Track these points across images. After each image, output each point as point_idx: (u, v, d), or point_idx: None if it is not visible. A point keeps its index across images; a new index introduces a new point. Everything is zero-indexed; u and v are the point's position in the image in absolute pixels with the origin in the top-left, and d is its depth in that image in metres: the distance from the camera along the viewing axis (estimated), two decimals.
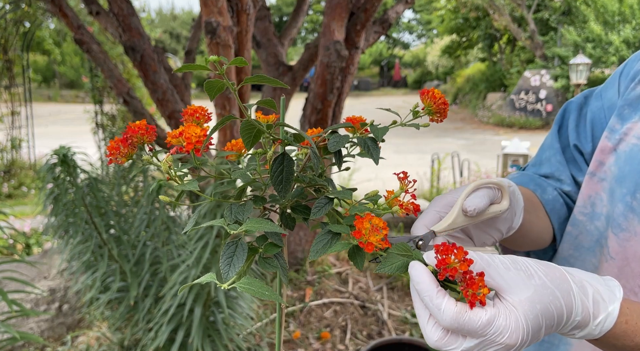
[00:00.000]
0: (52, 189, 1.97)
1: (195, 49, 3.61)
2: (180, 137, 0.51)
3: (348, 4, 2.64)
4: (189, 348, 1.93)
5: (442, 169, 6.07)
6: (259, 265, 0.51)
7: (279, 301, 0.49)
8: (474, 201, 0.60)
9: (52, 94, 22.30)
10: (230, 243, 0.49)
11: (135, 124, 0.54)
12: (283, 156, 0.54)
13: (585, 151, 0.80)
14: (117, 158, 0.53)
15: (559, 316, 0.48)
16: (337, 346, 2.64)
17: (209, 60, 0.48)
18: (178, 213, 2.18)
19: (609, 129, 0.74)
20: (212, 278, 0.46)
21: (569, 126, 0.82)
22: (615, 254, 0.68)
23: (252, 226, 0.48)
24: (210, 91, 0.51)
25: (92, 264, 2.13)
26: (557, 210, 0.80)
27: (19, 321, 2.74)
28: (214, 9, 2.16)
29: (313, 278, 3.29)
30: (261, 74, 0.51)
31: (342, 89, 2.79)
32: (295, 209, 0.57)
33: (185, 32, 28.45)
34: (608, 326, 0.51)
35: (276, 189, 0.53)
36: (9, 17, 6.39)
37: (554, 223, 0.80)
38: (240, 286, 0.45)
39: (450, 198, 0.63)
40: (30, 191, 6.52)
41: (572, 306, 0.49)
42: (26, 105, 7.73)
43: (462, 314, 0.45)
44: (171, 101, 2.64)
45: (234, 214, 0.51)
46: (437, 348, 0.48)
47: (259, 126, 0.53)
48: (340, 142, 0.54)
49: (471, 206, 0.60)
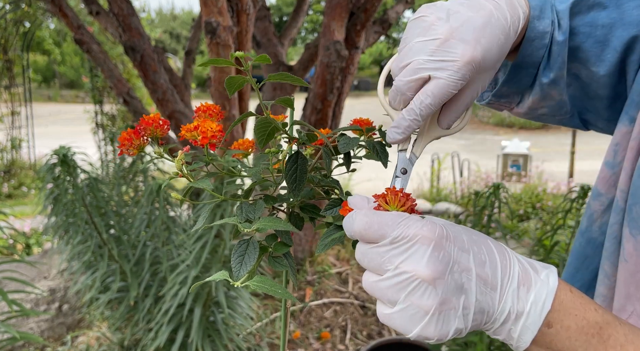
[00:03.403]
0: (52, 189, 1.97)
1: (195, 49, 3.61)
2: (196, 131, 0.51)
3: (348, 4, 2.64)
4: (189, 348, 1.93)
5: (442, 169, 6.07)
6: (269, 264, 0.51)
7: (292, 298, 0.49)
8: (451, 116, 0.54)
9: (52, 94, 22.30)
10: (242, 242, 0.49)
11: (149, 117, 0.54)
12: (297, 155, 0.54)
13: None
14: (128, 150, 0.53)
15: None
16: (337, 346, 2.64)
17: (234, 55, 0.48)
18: (178, 213, 2.18)
19: None
20: (224, 276, 0.46)
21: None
22: (629, 257, 0.59)
23: (265, 224, 0.48)
24: (231, 87, 0.52)
25: (92, 265, 2.13)
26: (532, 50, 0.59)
27: (19, 321, 2.74)
28: (214, 9, 2.16)
29: (313, 278, 3.29)
30: (284, 72, 0.52)
31: (342, 89, 2.79)
32: (304, 208, 0.57)
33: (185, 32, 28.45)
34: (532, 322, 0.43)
35: (289, 188, 0.53)
36: (9, 17, 6.39)
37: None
38: (253, 285, 0.45)
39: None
40: (30, 191, 6.52)
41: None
42: (26, 105, 7.72)
43: (371, 212, 0.45)
44: (171, 101, 2.64)
45: (245, 212, 0.51)
46: (359, 261, 0.46)
47: (275, 124, 0.54)
48: (351, 144, 0.55)
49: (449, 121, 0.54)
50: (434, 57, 0.48)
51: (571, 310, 0.44)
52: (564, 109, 0.65)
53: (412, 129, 0.51)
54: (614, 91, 0.60)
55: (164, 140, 2.79)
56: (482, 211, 2.14)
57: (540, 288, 0.44)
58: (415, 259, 0.42)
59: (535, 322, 0.43)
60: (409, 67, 0.50)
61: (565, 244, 2.15)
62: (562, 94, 0.62)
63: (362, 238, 0.45)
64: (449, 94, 0.49)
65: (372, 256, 0.44)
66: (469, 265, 0.43)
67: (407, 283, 0.42)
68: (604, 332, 0.44)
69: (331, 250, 3.72)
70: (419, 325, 0.42)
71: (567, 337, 0.44)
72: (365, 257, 0.45)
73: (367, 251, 0.44)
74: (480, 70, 0.50)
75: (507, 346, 1.99)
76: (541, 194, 5.29)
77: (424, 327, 0.42)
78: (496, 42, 0.50)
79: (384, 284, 0.43)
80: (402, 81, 0.50)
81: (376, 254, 0.43)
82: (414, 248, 0.42)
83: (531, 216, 4.79)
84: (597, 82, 0.60)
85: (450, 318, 0.42)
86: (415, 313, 0.42)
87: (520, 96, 0.65)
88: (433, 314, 0.42)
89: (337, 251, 3.74)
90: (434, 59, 0.48)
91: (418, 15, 0.53)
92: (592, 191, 0.67)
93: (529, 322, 0.43)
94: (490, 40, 0.50)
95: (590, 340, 0.43)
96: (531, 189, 5.42)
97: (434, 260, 0.41)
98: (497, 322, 0.44)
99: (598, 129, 0.69)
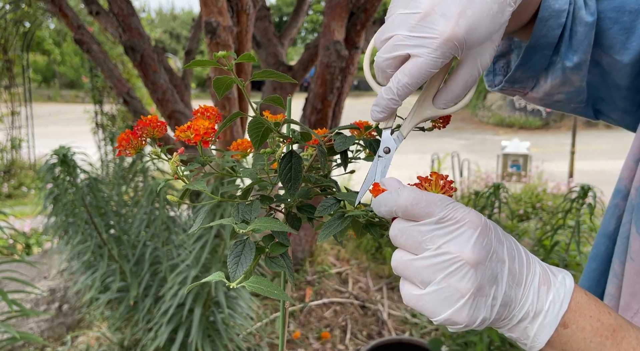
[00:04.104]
0: (52, 189, 1.97)
1: (195, 49, 3.61)
2: (189, 131, 0.51)
3: (348, 4, 2.64)
4: (188, 348, 1.93)
5: (442, 169, 6.07)
6: (265, 265, 0.51)
7: (287, 299, 0.49)
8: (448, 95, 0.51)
9: (52, 94, 22.29)
10: (238, 242, 0.49)
11: (147, 118, 0.54)
12: (291, 154, 0.54)
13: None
14: (126, 150, 0.53)
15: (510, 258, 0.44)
16: (337, 346, 2.64)
17: (217, 55, 0.48)
18: (178, 213, 2.18)
19: None
20: (220, 277, 0.46)
21: None
22: (635, 256, 0.58)
23: (261, 224, 0.48)
24: (219, 89, 0.51)
25: (92, 264, 2.13)
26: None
27: (19, 321, 2.74)
28: (214, 9, 2.16)
29: (313, 278, 3.29)
30: (268, 69, 0.51)
31: (342, 89, 2.79)
32: (302, 208, 0.57)
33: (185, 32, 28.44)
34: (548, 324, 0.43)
35: (285, 188, 0.53)
36: (9, 17, 6.39)
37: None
38: (249, 285, 0.45)
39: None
40: (30, 191, 6.52)
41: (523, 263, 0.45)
42: (26, 105, 7.72)
43: (418, 190, 0.44)
44: (171, 101, 2.63)
45: (242, 213, 0.51)
46: (393, 239, 0.45)
47: (267, 124, 0.53)
48: (347, 143, 0.54)
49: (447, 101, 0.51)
50: (413, 33, 0.45)
51: (587, 311, 0.44)
52: (581, 96, 0.61)
53: (391, 108, 0.49)
54: (636, 81, 0.57)
55: (163, 140, 2.80)
56: (482, 211, 2.14)
57: (559, 288, 0.44)
58: (461, 242, 0.41)
59: (552, 321, 0.43)
60: (389, 43, 0.47)
61: (565, 244, 2.15)
62: (582, 81, 0.58)
63: (405, 213, 0.43)
64: (429, 73, 0.46)
65: (412, 233, 0.43)
66: (503, 257, 0.43)
67: (448, 264, 0.41)
68: (617, 335, 0.44)
69: (331, 250, 3.72)
70: (451, 308, 0.42)
71: (582, 338, 0.44)
72: (403, 234, 0.44)
73: (406, 228, 0.43)
74: (470, 45, 0.45)
75: (507, 346, 1.98)
76: (541, 194, 5.28)
77: (457, 311, 0.42)
78: (487, 12, 0.45)
79: (420, 263, 0.42)
80: (382, 58, 0.48)
81: (417, 232, 0.43)
82: (460, 230, 0.42)
83: (531, 216, 4.79)
84: (618, 71, 0.57)
85: (481, 305, 0.42)
86: (451, 295, 0.42)
87: (535, 80, 0.61)
88: (469, 298, 0.41)
89: (337, 251, 3.74)
90: (413, 35, 0.45)
91: None
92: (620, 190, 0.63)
93: (547, 321, 0.43)
94: (480, 11, 0.45)
95: (605, 342, 0.44)
96: (531, 189, 5.42)
97: (479, 245, 0.41)
98: (514, 319, 0.44)
99: (610, 120, 0.66)
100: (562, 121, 14.24)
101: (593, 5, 0.54)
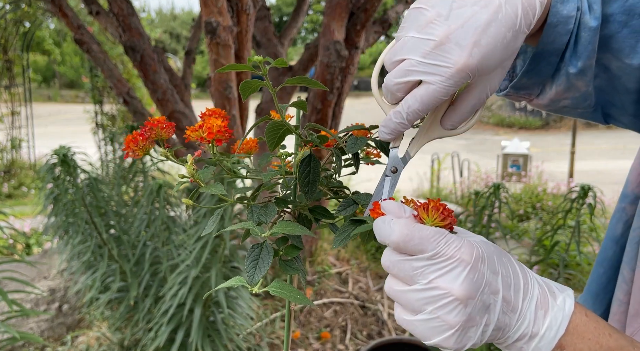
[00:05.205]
0: (52, 189, 1.97)
1: (195, 49, 3.61)
2: (200, 130, 0.51)
3: (348, 4, 2.64)
4: (188, 348, 1.93)
5: (442, 169, 6.07)
6: (280, 267, 0.51)
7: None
8: (454, 118, 0.51)
9: (52, 94, 22.29)
10: (255, 246, 0.48)
11: (155, 119, 0.54)
12: (310, 158, 0.54)
13: None
14: (134, 152, 0.53)
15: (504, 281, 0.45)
16: (337, 346, 2.64)
17: (252, 59, 0.48)
18: (178, 213, 2.18)
19: None
20: (241, 281, 0.46)
21: None
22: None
23: (283, 229, 0.48)
24: (245, 91, 0.52)
25: (92, 264, 2.13)
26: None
27: (19, 321, 2.74)
28: (214, 9, 2.16)
29: (313, 278, 3.29)
30: (302, 76, 0.52)
31: (342, 89, 2.79)
32: (314, 210, 0.57)
33: (185, 32, 28.44)
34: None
35: (302, 190, 0.53)
36: (9, 17, 6.39)
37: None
38: (272, 290, 0.45)
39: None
40: (30, 191, 6.52)
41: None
42: (26, 105, 7.72)
43: (412, 224, 0.44)
44: (171, 101, 2.63)
45: (257, 216, 0.51)
46: (386, 267, 0.46)
47: (287, 126, 0.54)
48: (358, 145, 0.55)
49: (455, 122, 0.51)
50: (426, 59, 0.46)
51: (585, 334, 0.44)
52: (587, 101, 0.60)
53: (400, 131, 0.50)
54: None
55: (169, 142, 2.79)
56: (482, 211, 2.14)
57: (557, 313, 0.45)
58: (451, 278, 0.42)
59: (548, 345, 0.44)
60: (401, 67, 0.48)
61: (565, 244, 2.15)
62: (588, 86, 0.57)
63: (397, 249, 0.44)
64: (439, 100, 0.47)
65: (404, 266, 0.44)
66: (497, 287, 0.44)
67: (438, 298, 0.42)
68: None
69: (331, 250, 3.72)
70: (440, 336, 0.43)
71: None
72: (395, 266, 0.45)
73: (399, 261, 0.44)
74: (481, 73, 0.46)
75: None
76: (541, 194, 5.29)
77: (445, 339, 0.43)
78: (501, 41, 0.46)
79: (411, 295, 0.44)
80: (392, 81, 0.48)
81: (409, 266, 0.44)
82: (451, 266, 0.42)
83: (531, 216, 4.79)
84: (628, 75, 0.56)
85: (471, 334, 0.43)
86: (440, 326, 0.43)
87: (541, 87, 0.61)
88: (457, 330, 0.43)
89: (337, 251, 3.74)
90: (426, 62, 0.46)
91: (418, 5, 0.49)
92: (627, 195, 0.62)
93: (542, 344, 0.44)
94: (494, 41, 0.45)
95: None
96: (531, 189, 5.42)
97: (469, 281, 0.42)
98: (510, 340, 0.45)
99: (621, 124, 0.65)
100: (562, 121, 14.24)
101: (598, 9, 0.53)
